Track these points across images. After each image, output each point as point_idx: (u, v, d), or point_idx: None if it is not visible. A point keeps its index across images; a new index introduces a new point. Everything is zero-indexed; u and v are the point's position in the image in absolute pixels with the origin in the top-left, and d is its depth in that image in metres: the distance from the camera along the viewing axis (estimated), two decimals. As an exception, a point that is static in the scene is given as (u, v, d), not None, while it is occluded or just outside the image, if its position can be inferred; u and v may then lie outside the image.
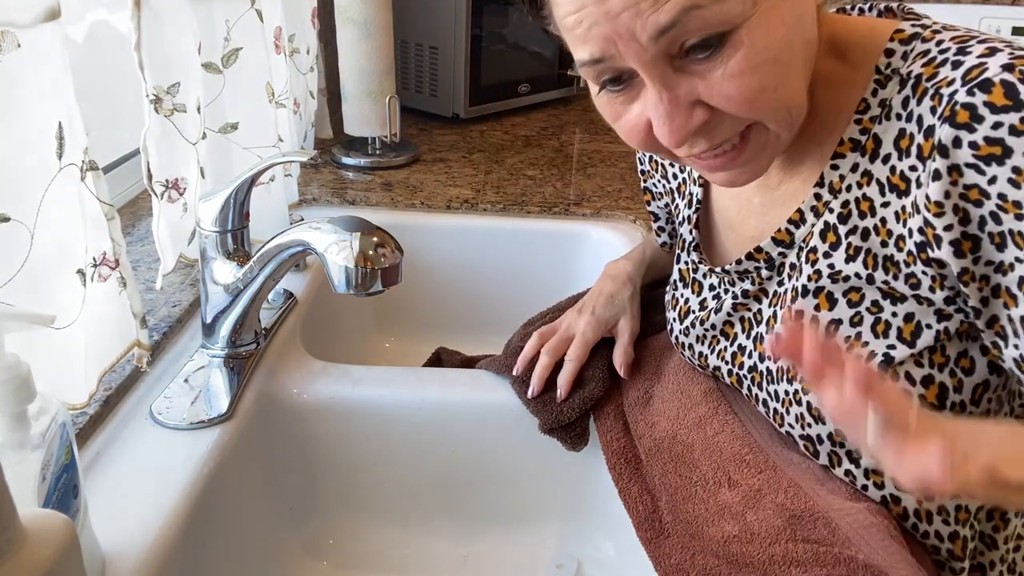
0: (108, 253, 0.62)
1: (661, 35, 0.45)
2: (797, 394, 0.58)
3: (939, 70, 0.49)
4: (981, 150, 0.45)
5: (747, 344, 0.64)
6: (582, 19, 0.47)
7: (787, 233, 0.58)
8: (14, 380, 0.44)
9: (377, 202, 1.16)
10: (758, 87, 0.47)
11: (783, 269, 0.60)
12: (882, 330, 0.53)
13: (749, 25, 0.45)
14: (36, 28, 0.50)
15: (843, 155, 0.54)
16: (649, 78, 0.48)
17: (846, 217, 0.54)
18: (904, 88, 0.51)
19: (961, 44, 0.49)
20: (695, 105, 0.48)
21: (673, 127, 0.48)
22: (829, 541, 0.53)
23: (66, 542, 0.41)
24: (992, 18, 1.71)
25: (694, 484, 0.61)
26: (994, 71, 0.45)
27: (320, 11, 1.21)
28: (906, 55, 0.52)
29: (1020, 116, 0.44)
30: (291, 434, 0.78)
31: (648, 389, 0.73)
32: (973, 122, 0.45)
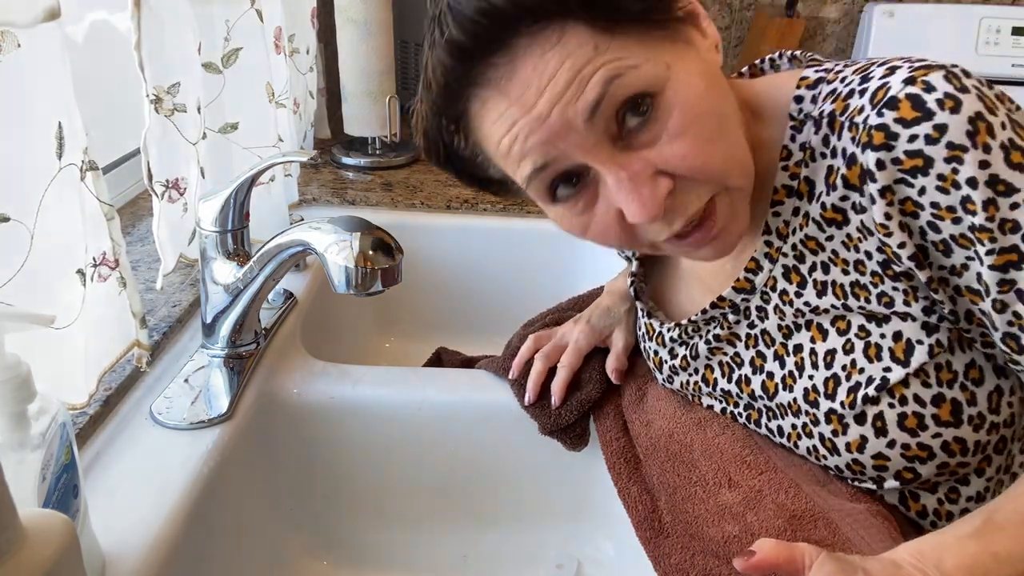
0: (108, 253, 0.62)
1: (593, 114, 0.46)
2: (807, 427, 0.58)
3: (848, 102, 0.50)
4: (904, 164, 0.47)
5: (730, 388, 0.64)
6: (516, 134, 0.48)
7: (747, 281, 0.59)
8: (14, 380, 0.44)
9: (377, 202, 1.16)
10: (705, 139, 0.48)
11: (749, 313, 0.60)
12: (874, 353, 0.53)
13: (671, 86, 0.47)
14: (36, 28, 0.50)
15: (781, 202, 0.56)
16: (600, 163, 0.48)
17: (801, 257, 0.55)
18: (821, 128, 0.52)
19: (863, 73, 0.50)
20: (656, 175, 0.48)
21: (643, 200, 0.47)
22: (829, 542, 0.53)
23: (66, 542, 0.41)
24: (992, 18, 1.71)
25: (694, 484, 0.61)
26: (897, 88, 0.47)
27: (320, 11, 1.21)
28: (815, 98, 0.53)
29: (932, 124, 0.45)
30: (291, 434, 0.78)
31: (642, 387, 0.73)
32: (889, 140, 0.47)
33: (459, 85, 0.49)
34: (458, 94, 0.49)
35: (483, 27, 0.46)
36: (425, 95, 0.52)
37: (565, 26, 0.46)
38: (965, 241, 0.47)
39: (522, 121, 0.48)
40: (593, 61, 0.46)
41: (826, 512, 0.55)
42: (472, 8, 0.46)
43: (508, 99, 0.47)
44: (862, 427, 0.54)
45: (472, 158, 0.54)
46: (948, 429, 0.52)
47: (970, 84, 0.46)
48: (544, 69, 0.46)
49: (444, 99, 0.50)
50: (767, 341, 0.60)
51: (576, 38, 0.46)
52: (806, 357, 0.57)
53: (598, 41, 0.46)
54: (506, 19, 0.46)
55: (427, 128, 0.54)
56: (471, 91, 0.49)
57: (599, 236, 0.53)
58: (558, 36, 0.46)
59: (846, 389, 0.55)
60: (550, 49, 0.46)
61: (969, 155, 0.45)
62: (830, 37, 1.91)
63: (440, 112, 0.52)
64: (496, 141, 0.50)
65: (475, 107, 0.50)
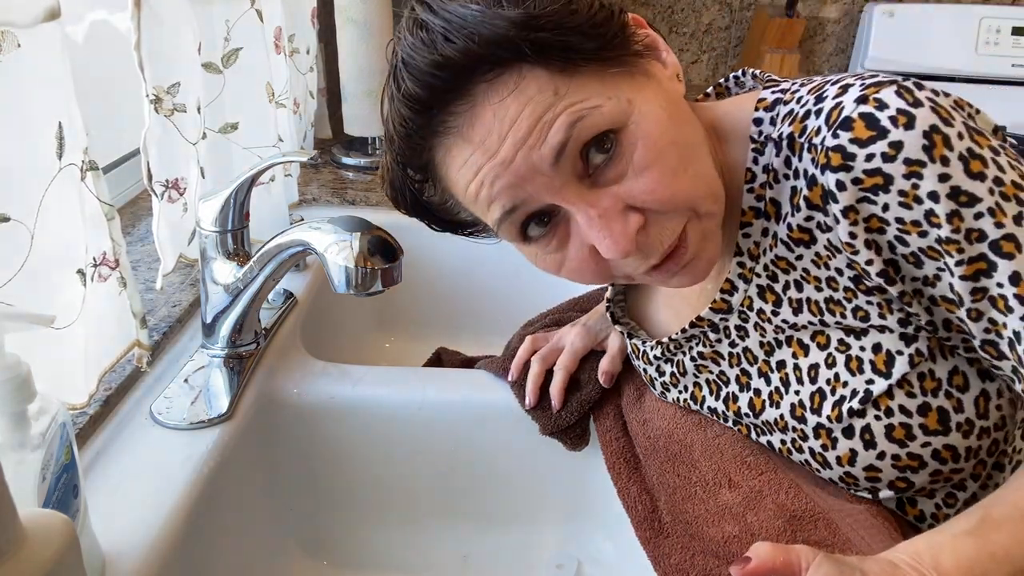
0: (108, 253, 0.62)
1: (559, 157, 0.46)
2: (796, 442, 0.58)
3: (805, 123, 0.50)
4: (865, 183, 0.47)
5: (717, 405, 0.64)
6: (483, 180, 0.48)
7: (723, 302, 0.59)
8: (14, 380, 0.44)
9: (377, 202, 1.16)
10: (670, 172, 0.48)
11: (729, 332, 0.61)
12: (856, 367, 0.53)
13: (634, 120, 0.47)
14: (36, 28, 0.50)
15: (750, 223, 0.56)
16: (569, 204, 0.48)
17: (774, 277, 0.56)
18: (781, 150, 0.52)
19: (817, 92, 0.50)
20: (626, 211, 0.48)
21: (616, 236, 0.47)
22: (829, 542, 0.53)
23: (66, 542, 0.41)
24: (992, 18, 1.71)
25: (694, 484, 0.61)
26: (850, 108, 0.47)
27: (320, 11, 1.21)
28: (773, 120, 0.53)
29: (887, 142, 0.45)
30: (291, 434, 0.78)
31: (640, 388, 0.73)
32: (847, 161, 0.47)
33: (421, 136, 0.49)
34: (421, 145, 0.50)
35: (439, 79, 0.46)
36: (388, 148, 0.53)
37: (522, 71, 0.45)
38: (934, 253, 0.47)
39: (487, 166, 0.47)
40: (554, 106, 0.46)
41: (826, 512, 0.55)
42: (426, 62, 0.46)
43: (471, 145, 0.47)
44: (850, 440, 0.54)
45: (442, 203, 0.54)
46: (937, 437, 0.52)
47: (923, 97, 0.46)
48: (504, 115, 0.46)
49: (408, 151, 0.50)
50: (750, 359, 0.60)
51: (535, 83, 0.46)
52: (790, 372, 0.57)
53: (557, 84, 0.46)
54: (461, 70, 0.46)
55: (393, 179, 0.54)
56: (434, 141, 0.49)
57: (574, 273, 0.53)
58: (515, 82, 0.46)
59: (831, 403, 0.54)
60: (508, 95, 0.46)
61: (927, 169, 0.45)
62: (830, 37, 1.91)
63: (405, 163, 0.52)
64: (463, 187, 0.49)
65: (439, 155, 0.50)
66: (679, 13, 1.91)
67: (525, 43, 0.45)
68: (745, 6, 1.90)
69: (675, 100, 0.51)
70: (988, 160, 0.45)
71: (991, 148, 0.46)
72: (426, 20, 0.47)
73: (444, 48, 0.45)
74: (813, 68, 1.95)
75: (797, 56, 1.82)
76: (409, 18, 0.49)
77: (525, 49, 0.45)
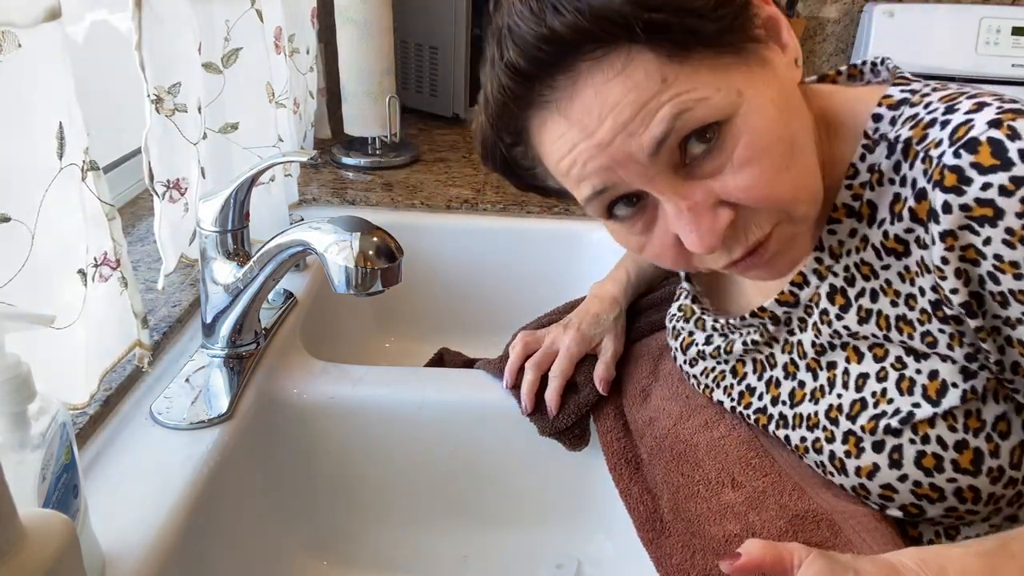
0: (109, 253, 0.62)
1: (658, 148, 0.45)
2: (817, 442, 0.57)
3: (928, 131, 0.48)
4: (973, 211, 0.44)
5: (757, 385, 0.63)
6: (576, 159, 0.47)
7: (791, 295, 0.57)
8: (14, 380, 0.44)
9: (377, 202, 1.16)
10: (771, 170, 0.46)
11: (791, 322, 0.59)
12: (907, 387, 0.52)
13: (742, 113, 0.45)
14: (36, 28, 0.50)
15: (839, 220, 0.53)
16: (660, 193, 0.47)
17: (851, 280, 0.54)
18: (894, 153, 0.50)
19: (949, 103, 0.48)
20: (717, 206, 0.46)
21: (702, 231, 0.46)
22: (831, 543, 0.53)
23: (66, 542, 0.41)
24: (992, 18, 1.71)
25: (697, 483, 0.61)
26: (980, 129, 0.44)
27: (320, 11, 1.21)
28: (894, 120, 0.51)
29: (1009, 176, 0.43)
30: (291, 434, 0.78)
31: (646, 387, 0.73)
32: (962, 184, 0.44)
33: (517, 106, 0.48)
34: (517, 114, 0.49)
35: (544, 52, 0.44)
36: (483, 109, 0.51)
37: (631, 53, 0.43)
38: (1023, 296, 0.45)
39: (582, 145, 0.46)
40: (660, 95, 0.44)
41: (829, 514, 0.55)
42: (532, 33, 0.44)
43: (568, 121, 0.46)
44: (877, 455, 0.53)
45: (530, 168, 0.53)
46: (965, 476, 0.50)
47: None
48: (607, 97, 0.44)
49: (502, 117, 0.49)
50: (800, 352, 0.59)
51: (643, 67, 0.43)
52: (839, 375, 0.56)
53: (665, 72, 0.44)
54: (567, 45, 0.44)
55: (484, 138, 0.53)
56: (531, 111, 0.48)
57: (655, 257, 0.52)
58: (623, 63, 0.44)
59: (868, 415, 0.53)
60: (614, 76, 0.44)
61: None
62: (830, 37, 1.91)
63: (499, 126, 0.51)
64: (556, 160, 0.49)
65: (535, 125, 0.49)
66: (679, 13, 1.91)
67: (638, 22, 0.42)
68: (745, 6, 1.90)
69: (788, 90, 0.48)
70: None
71: None
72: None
73: (552, 20, 0.43)
74: (813, 68, 1.95)
75: (797, 56, 1.81)
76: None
77: (637, 29, 0.42)
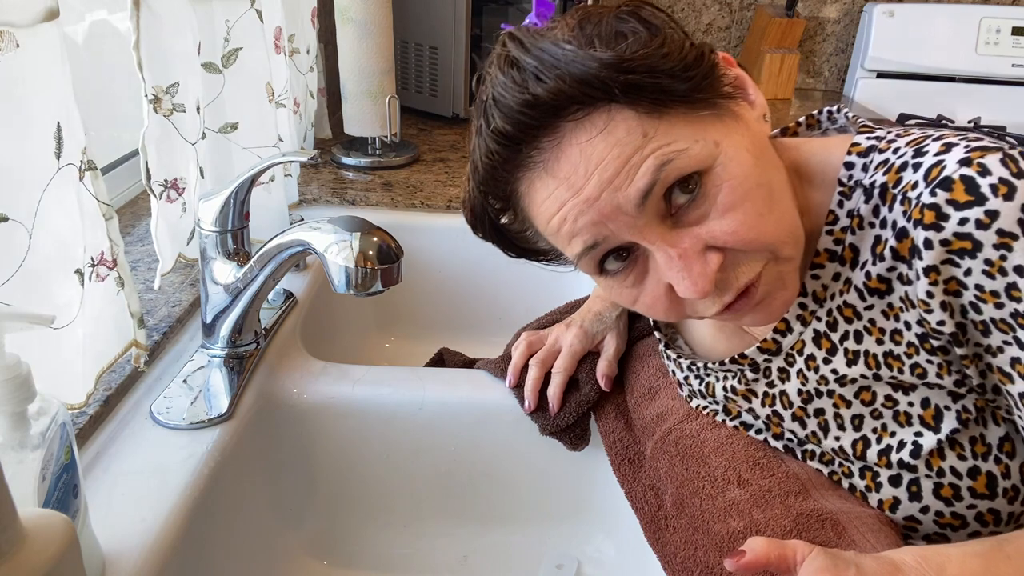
0: (106, 253, 0.62)
1: (645, 199, 0.47)
2: (835, 475, 0.58)
3: (901, 175, 0.50)
4: (952, 246, 0.46)
5: (755, 423, 0.63)
6: (566, 216, 0.48)
7: (773, 342, 0.58)
8: (14, 380, 0.44)
9: (377, 202, 1.16)
10: (754, 213, 0.47)
11: (769, 372, 0.60)
12: (904, 420, 0.53)
13: (721, 162, 0.47)
14: (35, 28, 0.50)
15: (822, 265, 0.55)
16: (650, 243, 0.48)
17: (834, 324, 0.55)
18: (871, 198, 0.52)
19: (917, 146, 0.50)
20: (706, 251, 0.48)
21: (694, 276, 0.47)
22: (835, 543, 0.53)
23: (66, 542, 0.41)
24: (992, 18, 1.71)
25: (702, 479, 0.61)
26: (952, 168, 0.46)
27: (320, 11, 1.21)
28: (866, 167, 0.53)
29: (983, 210, 0.45)
30: (291, 434, 0.78)
31: (653, 384, 0.73)
32: (940, 221, 0.46)
33: (506, 169, 0.50)
34: (506, 178, 0.50)
35: (529, 116, 0.47)
36: (472, 176, 0.53)
37: (611, 111, 0.46)
38: (1005, 326, 0.46)
39: (571, 202, 0.48)
40: (642, 149, 0.46)
41: (834, 514, 0.55)
42: (516, 100, 0.46)
43: (556, 179, 0.48)
44: (896, 489, 0.54)
45: (520, 232, 0.55)
46: (983, 501, 0.52)
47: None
48: (592, 153, 0.46)
49: (492, 181, 0.51)
50: (784, 403, 0.60)
51: (624, 124, 0.46)
52: (830, 420, 0.57)
53: (646, 127, 0.46)
54: (550, 109, 0.46)
55: (473, 205, 0.55)
56: (519, 173, 0.50)
57: (648, 309, 0.53)
58: (604, 121, 0.46)
59: (877, 451, 0.55)
60: (597, 134, 0.46)
61: (1019, 243, 0.45)
62: (830, 37, 1.91)
63: (488, 191, 0.52)
64: (546, 220, 0.50)
65: (523, 187, 0.50)
66: (679, 13, 1.91)
67: (616, 84, 0.45)
68: (745, 6, 1.90)
69: (761, 142, 0.51)
70: None
71: None
72: (518, 58, 0.47)
73: (535, 87, 0.46)
74: (813, 68, 1.95)
75: (797, 56, 1.82)
76: (500, 55, 0.49)
77: (615, 90, 0.45)
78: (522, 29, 0.50)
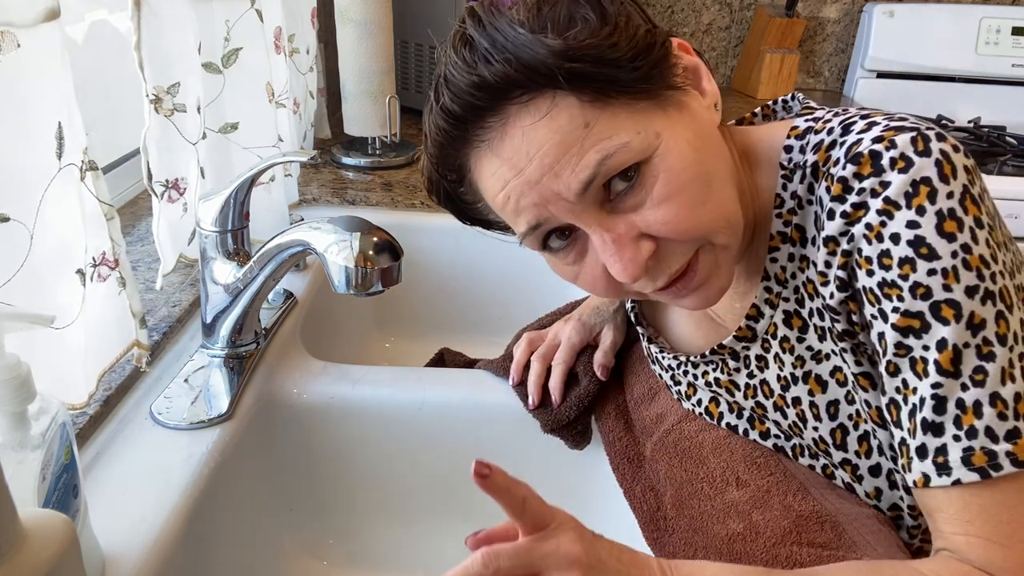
0: (107, 253, 0.62)
1: (585, 189, 0.48)
2: (827, 468, 0.58)
3: (830, 153, 0.51)
4: (851, 216, 0.48)
5: (739, 423, 0.64)
6: (509, 194, 0.50)
7: (748, 329, 0.59)
8: (14, 380, 0.44)
9: (377, 202, 1.16)
10: (687, 205, 0.49)
11: (749, 361, 0.61)
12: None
13: (660, 153, 0.48)
14: (36, 28, 0.50)
15: (777, 248, 0.56)
16: (587, 226, 0.50)
17: (801, 301, 0.56)
18: (806, 177, 0.53)
19: (846, 125, 0.51)
20: (640, 238, 0.50)
21: (625, 261, 0.49)
22: (835, 544, 0.53)
23: (66, 542, 0.41)
24: (992, 18, 1.71)
25: (701, 480, 0.61)
26: (866, 144, 0.48)
27: (320, 11, 1.21)
28: (803, 148, 0.54)
29: (879, 180, 0.47)
30: (291, 434, 0.78)
31: (652, 386, 0.73)
32: (845, 193, 0.48)
33: (454, 147, 0.51)
34: (454, 154, 0.52)
35: (475, 98, 0.48)
36: (425, 151, 0.55)
37: (555, 98, 0.47)
38: (872, 297, 0.48)
39: (514, 182, 0.49)
40: (584, 141, 0.47)
41: (833, 515, 0.55)
42: (465, 81, 0.48)
43: (500, 159, 0.49)
44: (876, 479, 0.55)
45: (474, 203, 0.56)
46: None
47: (936, 148, 0.46)
48: (534, 137, 0.47)
49: (442, 157, 0.53)
50: (766, 392, 0.60)
51: (567, 112, 0.47)
52: (806, 409, 0.57)
53: (588, 116, 0.47)
54: (496, 91, 0.47)
55: (430, 175, 0.56)
56: (467, 150, 0.51)
57: (588, 286, 0.55)
58: (548, 107, 0.47)
59: (856, 438, 0.55)
60: (540, 119, 0.47)
61: (900, 213, 0.46)
62: (830, 37, 1.91)
63: (439, 164, 0.54)
64: (492, 196, 0.51)
65: (472, 162, 0.52)
66: (679, 13, 1.91)
67: (560, 72, 0.46)
68: (745, 6, 1.90)
69: (706, 131, 0.52)
70: (966, 226, 0.45)
71: (976, 219, 0.46)
72: (473, 36, 0.48)
73: (483, 69, 0.47)
74: (813, 68, 1.95)
75: (797, 56, 1.82)
76: (457, 32, 0.50)
77: (560, 78, 0.46)
78: (484, 5, 0.51)
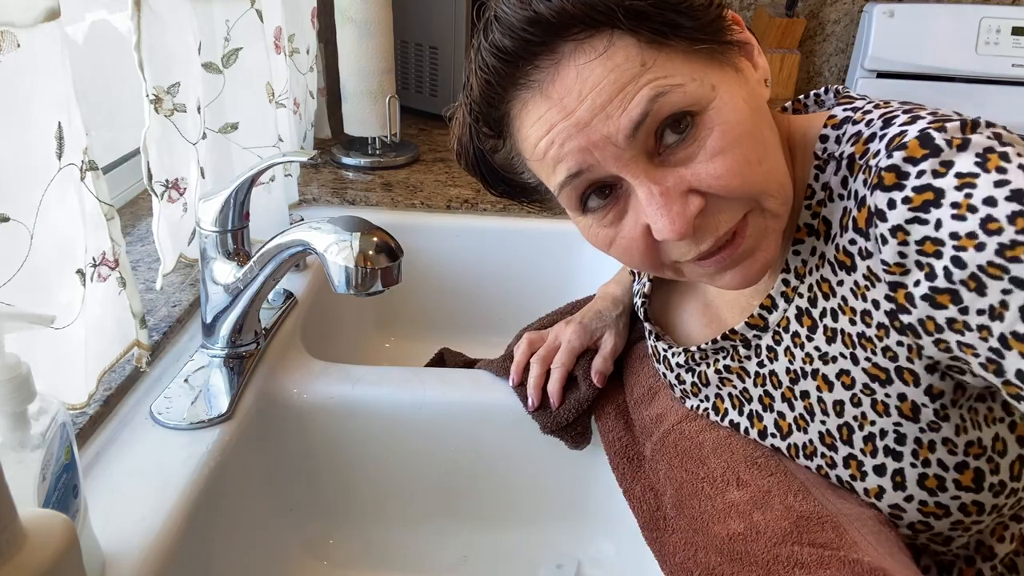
0: (108, 253, 0.62)
1: (636, 130, 0.46)
2: (821, 469, 0.58)
3: (868, 146, 0.49)
4: (915, 202, 0.45)
5: (740, 420, 0.64)
6: (553, 139, 0.48)
7: (760, 318, 0.58)
8: (14, 380, 0.44)
9: (377, 202, 1.16)
10: (743, 160, 0.47)
11: (760, 351, 0.60)
12: (882, 409, 0.53)
13: (715, 106, 0.47)
14: (36, 28, 0.50)
15: (801, 240, 0.55)
16: (633, 177, 0.48)
17: (814, 300, 0.55)
18: (840, 169, 0.52)
19: (887, 118, 0.49)
20: (688, 193, 0.47)
21: (673, 215, 0.47)
22: (836, 544, 0.53)
23: (66, 542, 0.41)
24: (992, 18, 1.71)
25: (701, 480, 0.61)
26: (912, 134, 0.46)
27: (320, 11, 1.21)
28: (839, 139, 0.53)
29: (939, 160, 0.44)
30: (291, 434, 0.78)
31: (652, 386, 0.73)
32: (900, 180, 0.45)
33: (502, 87, 0.49)
34: (500, 96, 0.50)
35: (530, 33, 0.46)
36: (466, 99, 0.53)
37: (612, 37, 0.46)
38: (995, 270, 0.42)
39: (561, 124, 0.47)
40: (639, 78, 0.45)
41: (834, 515, 0.55)
42: (519, 17, 0.46)
43: (549, 101, 0.47)
44: (880, 478, 0.54)
45: (506, 161, 0.54)
46: (968, 493, 0.52)
47: (987, 132, 0.45)
48: (588, 76, 0.46)
49: (486, 101, 0.50)
50: (775, 383, 0.60)
51: (624, 51, 0.45)
52: (814, 403, 0.57)
53: (645, 56, 0.46)
54: (552, 28, 0.46)
55: (462, 133, 0.54)
56: (513, 93, 0.49)
57: (623, 252, 0.52)
58: (604, 46, 0.46)
59: (862, 437, 0.54)
60: (596, 58, 0.46)
61: (981, 179, 0.43)
62: (830, 37, 1.91)
63: (479, 115, 0.52)
64: (534, 143, 0.49)
65: (516, 108, 0.50)
66: (679, 13, 1.91)
67: (620, 9, 0.45)
68: (745, 6, 1.90)
69: (759, 99, 0.50)
70: None
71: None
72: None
73: (538, 4, 0.46)
74: (813, 68, 1.95)
75: (797, 56, 1.82)
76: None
77: (619, 15, 0.45)
78: None
